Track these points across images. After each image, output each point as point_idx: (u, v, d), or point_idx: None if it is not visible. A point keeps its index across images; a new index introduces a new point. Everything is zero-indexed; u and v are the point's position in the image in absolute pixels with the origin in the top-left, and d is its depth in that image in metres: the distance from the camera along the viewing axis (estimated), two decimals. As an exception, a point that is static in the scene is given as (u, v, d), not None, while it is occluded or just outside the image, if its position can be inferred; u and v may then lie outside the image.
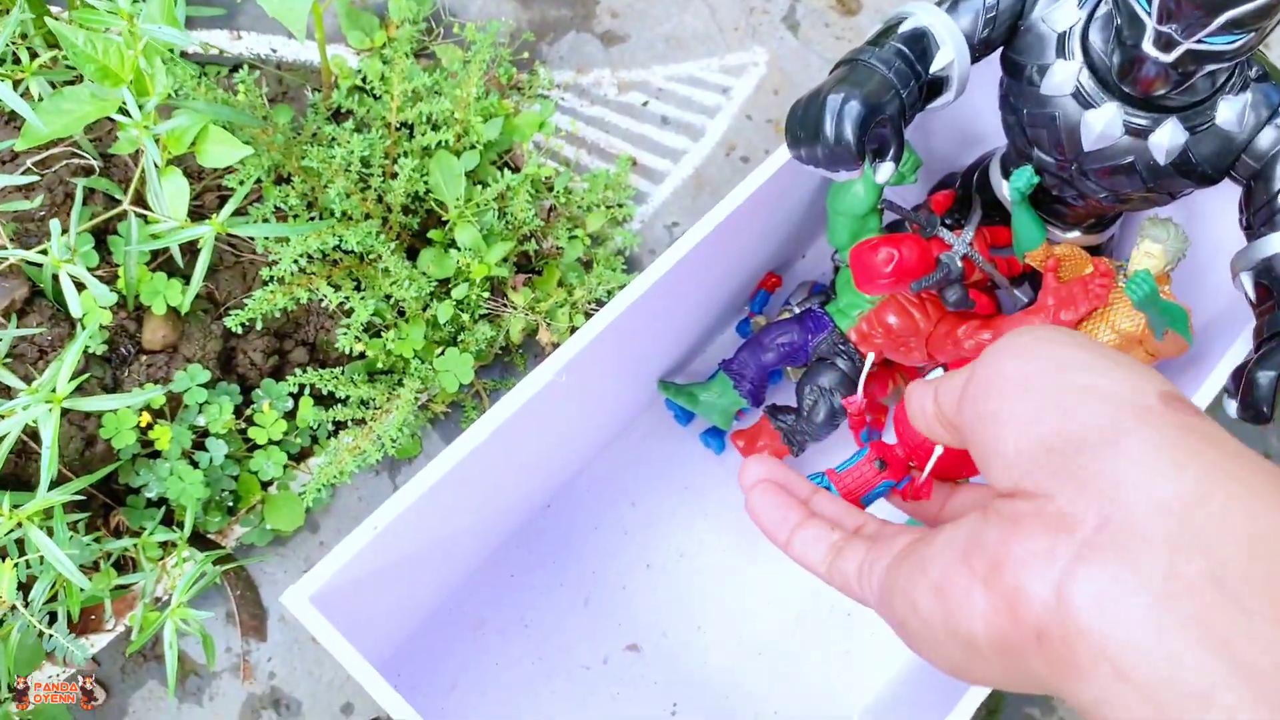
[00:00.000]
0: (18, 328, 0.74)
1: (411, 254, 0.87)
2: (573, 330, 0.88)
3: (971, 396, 0.33)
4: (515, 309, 0.86)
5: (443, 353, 0.83)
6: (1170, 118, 0.58)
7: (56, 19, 0.88)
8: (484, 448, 0.57)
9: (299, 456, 0.84)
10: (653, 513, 0.78)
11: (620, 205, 0.94)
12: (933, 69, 0.61)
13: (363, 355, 0.83)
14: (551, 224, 0.91)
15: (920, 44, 0.60)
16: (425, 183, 0.85)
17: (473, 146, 0.89)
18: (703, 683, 0.74)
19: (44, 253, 0.71)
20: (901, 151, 0.59)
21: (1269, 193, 0.58)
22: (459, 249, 0.84)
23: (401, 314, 0.85)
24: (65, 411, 0.75)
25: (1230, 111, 0.58)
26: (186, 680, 0.79)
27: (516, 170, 0.93)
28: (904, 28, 0.61)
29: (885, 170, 0.60)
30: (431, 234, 0.86)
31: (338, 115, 0.91)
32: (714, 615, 0.75)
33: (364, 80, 0.92)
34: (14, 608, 0.67)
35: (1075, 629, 0.27)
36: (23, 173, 0.78)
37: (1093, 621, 0.27)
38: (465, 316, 0.84)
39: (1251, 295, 0.59)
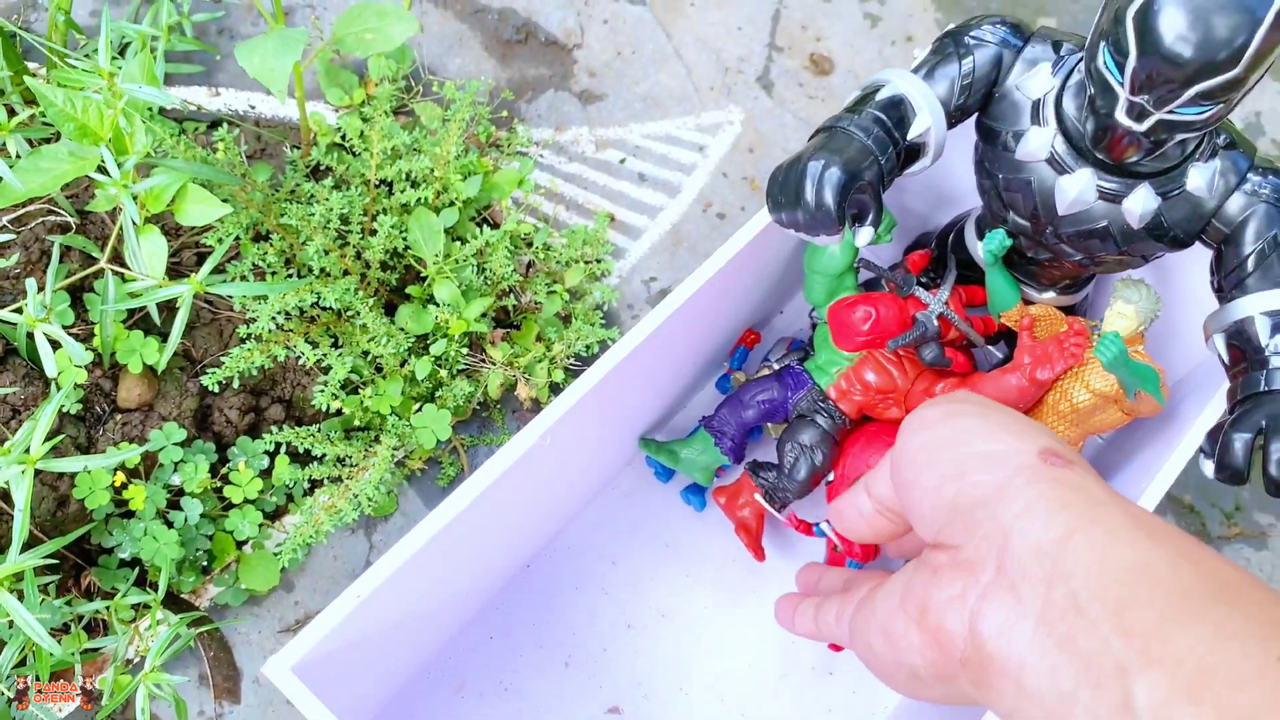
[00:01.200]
0: (-10, 387, 0.73)
1: (389, 310, 0.87)
2: (551, 385, 0.88)
3: (895, 470, 0.41)
4: (494, 364, 0.86)
5: (420, 409, 0.83)
6: (1143, 183, 0.60)
7: (34, 75, 0.88)
8: (467, 513, 0.56)
9: (274, 515, 0.83)
10: (633, 571, 0.78)
11: (598, 261, 0.94)
12: (910, 135, 0.62)
13: (339, 412, 0.83)
14: (530, 279, 0.91)
15: (898, 111, 0.62)
16: (404, 239, 0.85)
17: (452, 204, 0.89)
18: (685, 744, 0.73)
19: (18, 311, 0.71)
20: (880, 217, 0.60)
21: (1238, 257, 0.59)
22: (438, 305, 0.84)
23: (379, 370, 0.85)
24: (38, 472, 0.74)
25: (1200, 178, 0.59)
26: (157, 746, 0.77)
27: (495, 226, 0.93)
28: (881, 95, 0.62)
29: (864, 235, 0.61)
30: (410, 290, 0.86)
31: (316, 172, 0.92)
32: (696, 676, 0.75)
33: (343, 137, 0.92)
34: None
35: (986, 655, 0.34)
36: (-2, 230, 0.77)
37: (997, 648, 0.33)
38: (443, 372, 0.84)
39: (1225, 357, 0.60)
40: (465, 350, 0.85)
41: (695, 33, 1.07)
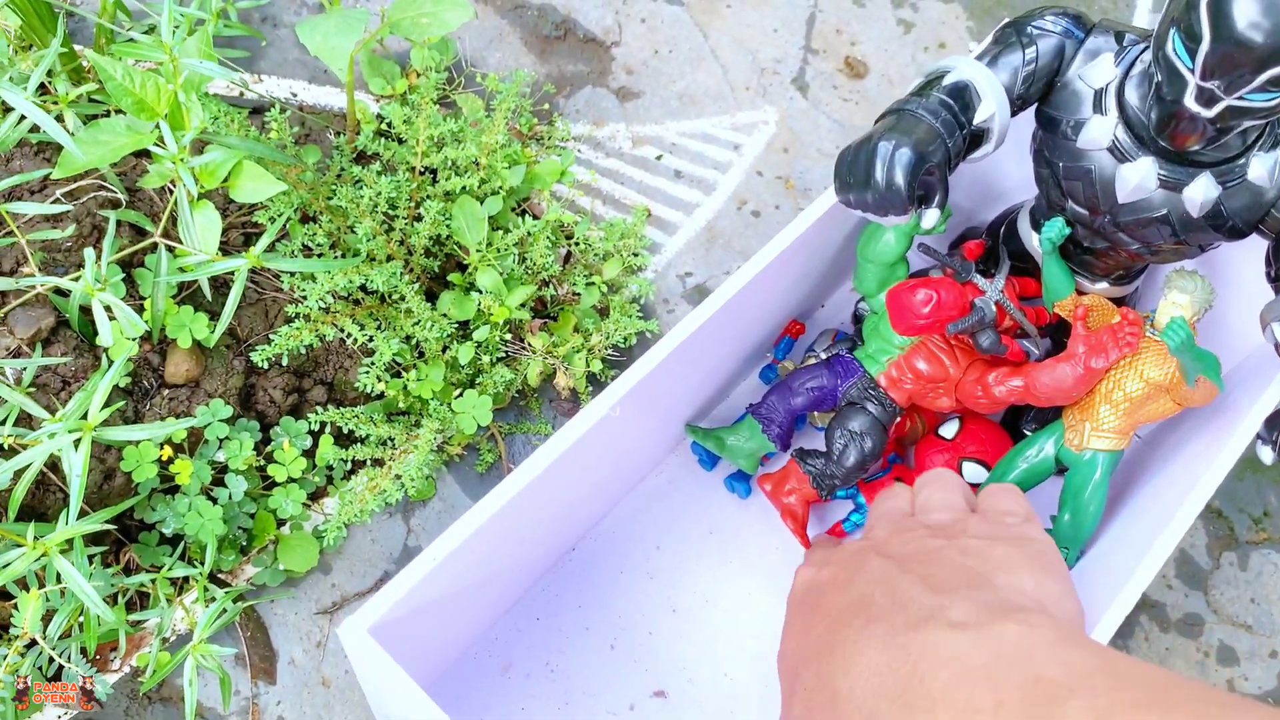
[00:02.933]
0: (43, 357, 0.73)
1: (430, 298, 0.88)
2: (589, 375, 0.88)
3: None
4: (534, 353, 0.86)
5: (461, 395, 0.83)
6: (1204, 172, 0.61)
7: (79, 57, 0.88)
8: (534, 484, 0.57)
9: (313, 496, 0.83)
10: (678, 557, 0.78)
11: (635, 254, 0.95)
12: (975, 120, 0.63)
13: (381, 395, 0.83)
14: (568, 271, 0.92)
15: (963, 96, 0.62)
16: (448, 226, 0.86)
17: (495, 192, 0.90)
18: (729, 729, 0.73)
19: (75, 280, 0.71)
20: (946, 198, 0.61)
21: (1298, 246, 0.60)
22: (480, 292, 0.85)
23: (421, 355, 0.85)
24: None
25: (1262, 168, 0.60)
26: (194, 724, 0.76)
27: (536, 218, 0.94)
28: (947, 80, 0.63)
29: (931, 216, 0.61)
30: (452, 277, 0.87)
31: (360, 158, 0.92)
32: (741, 661, 0.75)
33: (388, 125, 0.93)
34: (33, 642, 0.65)
35: None
36: (52, 203, 0.77)
37: None
38: (485, 359, 0.84)
39: (1283, 345, 0.61)
40: (506, 338, 0.86)
41: (731, 33, 1.08)
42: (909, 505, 0.47)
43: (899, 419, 0.75)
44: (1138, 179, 0.61)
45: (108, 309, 0.70)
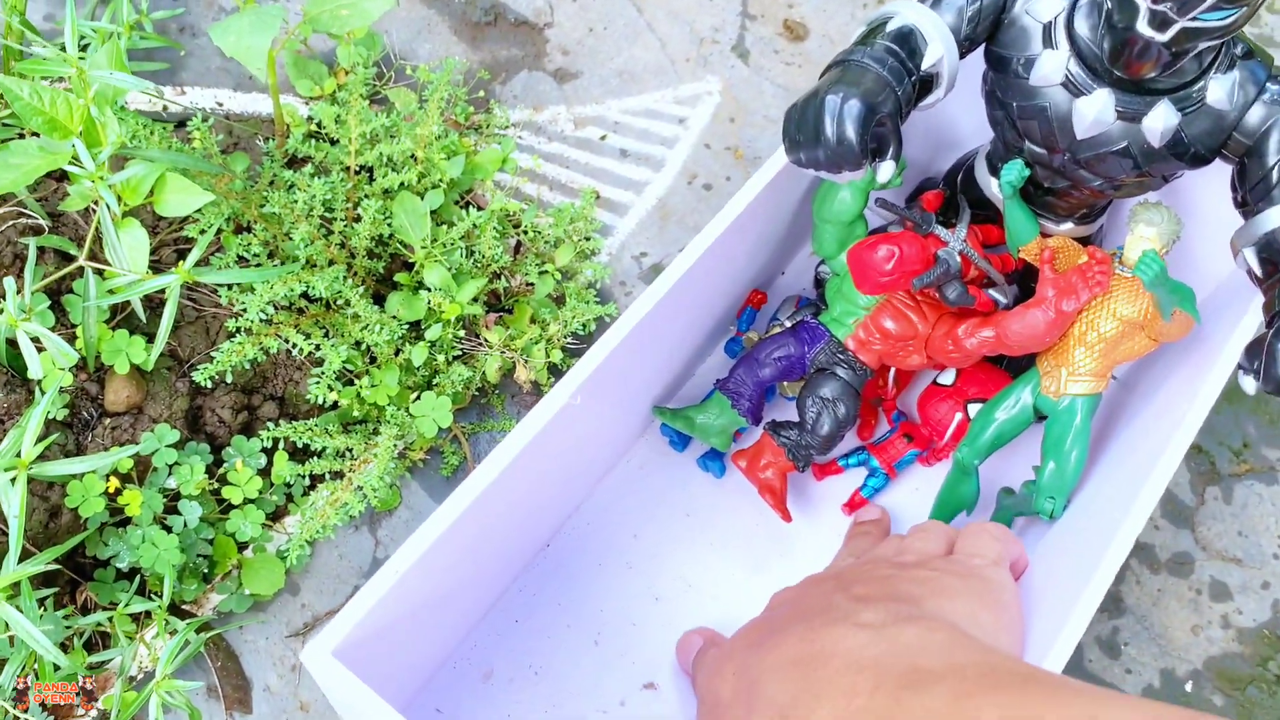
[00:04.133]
0: (-30, 396, 0.69)
1: (377, 301, 0.85)
2: (550, 366, 0.85)
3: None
4: (490, 348, 0.83)
5: (418, 398, 0.80)
6: (1162, 100, 0.59)
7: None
8: (498, 482, 0.54)
9: (274, 516, 0.80)
10: (656, 544, 0.76)
11: (587, 239, 0.92)
12: (924, 66, 0.60)
13: (335, 405, 0.80)
14: (520, 261, 0.89)
15: (909, 42, 0.60)
16: (389, 225, 0.83)
17: (435, 186, 0.87)
18: (723, 716, 0.71)
19: (-2, 313, 0.67)
20: (900, 150, 0.59)
21: (1263, 168, 0.59)
22: (428, 290, 0.82)
23: (373, 361, 0.82)
24: (28, 480, 0.70)
25: (1220, 90, 0.58)
26: (169, 764, 0.73)
27: (480, 209, 0.91)
28: (891, 26, 0.61)
29: (886, 169, 0.59)
30: (398, 277, 0.84)
31: (293, 162, 0.89)
32: (729, 645, 0.73)
33: (318, 126, 0.89)
34: (-15, 695, 0.62)
35: None
36: (-33, 233, 0.73)
37: None
38: (440, 359, 0.81)
39: (1258, 271, 0.59)
40: (460, 335, 0.83)
41: (666, 5, 1.05)
42: (890, 549, 0.51)
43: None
44: (1095, 113, 0.59)
45: (35, 340, 0.66)
